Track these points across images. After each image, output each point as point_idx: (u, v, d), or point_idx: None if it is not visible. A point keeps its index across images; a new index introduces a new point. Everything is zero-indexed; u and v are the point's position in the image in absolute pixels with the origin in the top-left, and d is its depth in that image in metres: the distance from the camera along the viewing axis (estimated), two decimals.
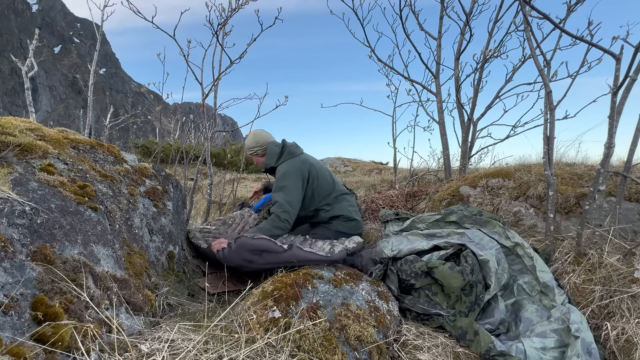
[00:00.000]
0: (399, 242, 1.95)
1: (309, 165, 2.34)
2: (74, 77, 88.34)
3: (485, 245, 1.83)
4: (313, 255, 1.75)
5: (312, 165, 2.36)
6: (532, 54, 1.86)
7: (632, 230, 1.96)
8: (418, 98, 4.42)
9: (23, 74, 3.11)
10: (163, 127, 8.92)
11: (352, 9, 3.99)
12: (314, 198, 2.38)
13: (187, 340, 1.14)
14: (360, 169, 8.93)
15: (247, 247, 1.77)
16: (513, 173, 2.64)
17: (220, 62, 3.31)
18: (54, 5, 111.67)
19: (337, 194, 2.45)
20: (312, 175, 2.34)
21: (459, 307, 1.61)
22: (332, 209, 2.40)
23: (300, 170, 2.28)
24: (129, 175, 1.83)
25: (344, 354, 1.23)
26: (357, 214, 2.48)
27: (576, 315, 1.43)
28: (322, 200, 2.40)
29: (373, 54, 4.27)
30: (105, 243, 1.32)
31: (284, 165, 2.33)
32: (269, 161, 2.42)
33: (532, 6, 1.79)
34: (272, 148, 2.42)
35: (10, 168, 1.24)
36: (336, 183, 2.51)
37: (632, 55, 1.58)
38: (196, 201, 4.83)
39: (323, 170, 2.45)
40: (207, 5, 2.96)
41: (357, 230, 2.45)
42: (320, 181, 2.37)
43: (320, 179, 2.37)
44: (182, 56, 3.04)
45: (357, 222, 2.45)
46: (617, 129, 1.68)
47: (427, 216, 2.14)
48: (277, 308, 1.33)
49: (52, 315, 0.93)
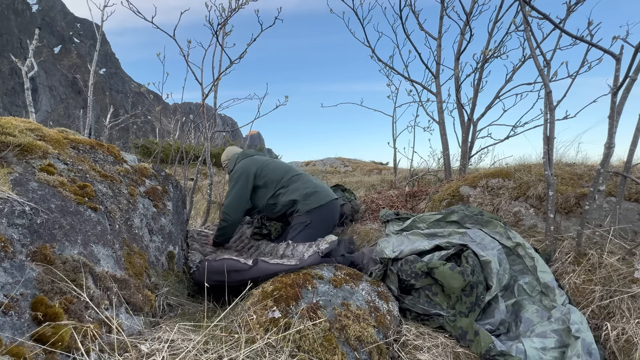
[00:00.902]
0: (399, 242, 1.94)
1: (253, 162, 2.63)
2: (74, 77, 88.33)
3: (486, 246, 1.82)
4: (280, 266, 1.70)
5: (255, 161, 2.63)
6: (532, 54, 1.86)
7: (632, 230, 1.96)
8: (418, 98, 4.42)
9: (23, 74, 3.10)
10: (163, 127, 8.91)
11: (352, 8, 3.99)
12: (268, 186, 2.59)
13: (187, 340, 1.14)
14: (360, 169, 8.93)
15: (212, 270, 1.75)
16: (513, 173, 2.63)
17: (220, 62, 3.31)
18: (54, 5, 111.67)
19: (290, 175, 2.60)
20: (258, 168, 2.59)
21: (459, 308, 1.60)
22: (287, 190, 2.55)
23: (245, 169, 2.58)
24: (129, 175, 1.83)
25: (344, 354, 1.23)
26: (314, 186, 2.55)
27: (576, 315, 1.43)
28: (276, 185, 2.58)
29: (373, 54, 4.27)
30: (105, 243, 1.32)
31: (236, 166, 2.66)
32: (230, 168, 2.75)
33: (532, 6, 1.79)
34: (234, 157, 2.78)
35: (10, 168, 1.24)
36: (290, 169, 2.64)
37: (632, 55, 1.58)
38: (196, 201, 4.83)
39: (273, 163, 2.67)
40: (206, 5, 2.96)
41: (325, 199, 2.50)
42: (269, 170, 2.59)
43: (269, 168, 2.60)
44: (182, 56, 3.04)
45: (316, 193, 2.51)
46: (617, 129, 1.68)
47: (428, 216, 2.13)
48: (277, 308, 1.33)
49: (52, 316, 0.93)
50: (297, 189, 2.53)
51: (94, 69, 3.17)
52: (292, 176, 2.59)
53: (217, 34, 3.07)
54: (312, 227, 2.41)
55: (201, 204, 4.86)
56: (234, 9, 3.03)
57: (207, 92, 3.20)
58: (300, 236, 2.37)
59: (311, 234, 2.37)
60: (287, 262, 1.73)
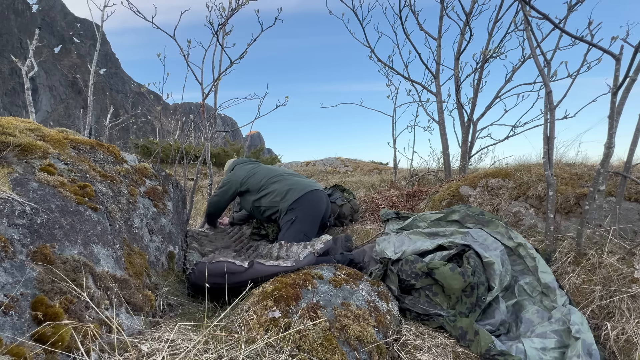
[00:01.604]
0: (400, 242, 1.93)
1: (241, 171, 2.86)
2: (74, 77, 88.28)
3: (489, 246, 1.81)
4: (276, 268, 1.70)
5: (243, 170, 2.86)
6: (532, 53, 1.86)
7: (632, 230, 1.96)
8: (418, 98, 4.42)
9: (23, 74, 3.10)
10: (163, 127, 8.91)
11: (351, 9, 3.99)
12: (251, 190, 2.74)
13: (187, 340, 1.14)
14: (360, 169, 8.92)
15: (208, 273, 1.73)
16: (513, 173, 2.63)
17: (221, 62, 3.32)
18: (54, 5, 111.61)
19: (270, 177, 2.71)
20: (245, 176, 2.78)
21: (459, 308, 1.60)
22: (268, 193, 2.65)
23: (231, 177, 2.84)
24: (129, 175, 1.83)
25: (344, 354, 1.23)
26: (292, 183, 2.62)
27: (577, 316, 1.43)
28: (259, 189, 2.70)
29: (373, 54, 4.27)
30: (105, 243, 1.32)
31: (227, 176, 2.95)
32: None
33: (532, 6, 1.79)
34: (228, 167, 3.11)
35: (10, 168, 1.24)
36: (272, 173, 2.76)
37: (631, 55, 1.58)
38: (196, 201, 4.82)
39: (260, 169, 2.84)
40: (207, 5, 2.96)
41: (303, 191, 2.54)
42: (253, 176, 2.77)
43: (254, 175, 2.78)
44: (182, 56, 3.04)
45: (293, 189, 2.56)
46: (617, 129, 1.68)
47: (428, 214, 2.12)
48: (277, 308, 1.33)
49: (52, 315, 0.93)
50: (276, 189, 2.61)
51: (94, 69, 3.17)
52: (272, 177, 2.69)
53: (217, 34, 3.07)
54: (299, 222, 2.42)
55: (201, 204, 4.86)
56: (234, 9, 3.03)
57: (207, 92, 3.20)
58: (289, 233, 2.36)
59: (299, 229, 2.37)
60: (283, 264, 1.73)
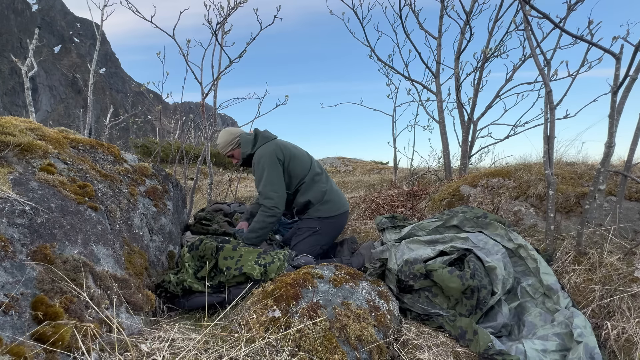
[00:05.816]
0: (401, 252, 1.86)
1: (282, 148, 2.35)
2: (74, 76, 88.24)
3: (490, 250, 1.77)
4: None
5: (285, 148, 2.37)
6: (533, 53, 1.86)
7: (633, 229, 1.96)
8: (418, 97, 4.41)
9: (23, 73, 3.11)
10: (163, 127, 8.91)
11: (352, 8, 3.99)
12: (291, 180, 2.38)
13: (187, 339, 1.14)
14: (361, 169, 8.92)
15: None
16: (513, 172, 2.63)
17: (220, 62, 3.32)
18: (53, 5, 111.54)
19: (312, 175, 2.42)
20: (287, 157, 2.34)
21: (459, 309, 1.59)
22: (306, 190, 2.38)
23: (275, 153, 2.29)
24: (129, 175, 1.83)
25: (344, 354, 1.23)
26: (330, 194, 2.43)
27: (580, 319, 1.41)
28: (299, 182, 2.39)
29: (373, 53, 4.27)
30: (105, 243, 1.32)
31: (259, 151, 2.34)
32: (245, 149, 2.41)
33: (532, 6, 1.79)
34: (245, 137, 2.44)
35: (10, 168, 1.24)
36: (312, 166, 2.47)
37: (632, 55, 1.57)
38: (196, 201, 4.82)
39: (299, 153, 2.45)
40: (205, 4, 2.96)
41: (339, 210, 2.41)
42: (295, 163, 2.37)
43: (295, 160, 2.37)
44: (181, 56, 3.04)
45: (332, 202, 2.41)
46: (617, 128, 1.68)
47: (427, 223, 2.04)
48: (277, 307, 1.33)
49: (52, 315, 0.93)
50: (316, 191, 2.40)
51: (94, 68, 3.17)
52: (314, 175, 2.43)
53: (216, 33, 3.07)
54: (320, 234, 2.35)
55: (201, 203, 4.86)
56: (233, 7, 3.03)
57: (207, 92, 3.20)
58: (306, 242, 2.31)
59: (317, 240, 2.33)
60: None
